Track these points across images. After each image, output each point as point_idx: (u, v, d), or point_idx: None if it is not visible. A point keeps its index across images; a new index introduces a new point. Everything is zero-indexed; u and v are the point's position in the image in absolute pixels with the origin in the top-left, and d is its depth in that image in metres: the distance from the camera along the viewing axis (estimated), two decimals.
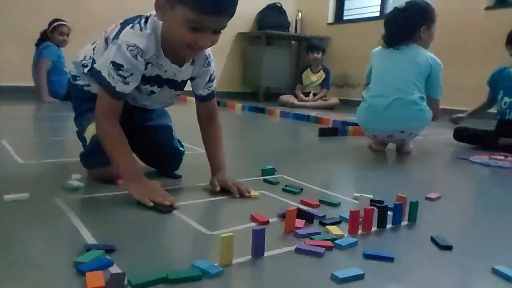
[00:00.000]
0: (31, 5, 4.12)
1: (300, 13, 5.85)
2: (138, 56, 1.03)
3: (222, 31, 1.02)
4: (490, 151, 2.10)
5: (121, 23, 1.12)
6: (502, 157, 1.94)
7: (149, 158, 1.36)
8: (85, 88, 1.28)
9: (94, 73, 1.05)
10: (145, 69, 1.09)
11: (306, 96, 4.81)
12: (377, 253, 0.79)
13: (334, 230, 0.90)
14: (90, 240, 0.80)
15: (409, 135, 1.96)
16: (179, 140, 1.38)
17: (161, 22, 1.05)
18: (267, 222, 0.94)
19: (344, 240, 0.84)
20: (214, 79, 1.23)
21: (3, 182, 1.19)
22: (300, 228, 0.91)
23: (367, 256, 0.79)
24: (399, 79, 1.91)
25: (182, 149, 1.37)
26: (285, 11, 5.64)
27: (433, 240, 0.89)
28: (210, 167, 1.21)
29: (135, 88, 1.10)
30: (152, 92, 1.19)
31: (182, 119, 1.90)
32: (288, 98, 4.77)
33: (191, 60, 1.15)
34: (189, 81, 1.23)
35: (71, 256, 0.71)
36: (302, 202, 1.10)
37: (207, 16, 0.94)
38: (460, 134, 2.34)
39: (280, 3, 5.63)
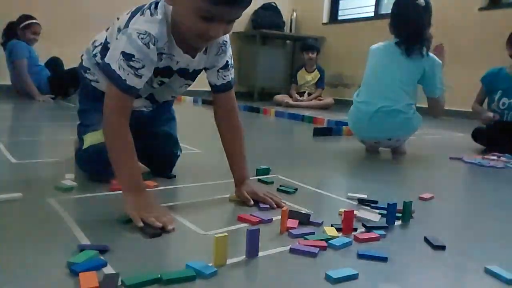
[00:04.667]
0: (26, 4, 4.09)
1: (295, 13, 5.86)
2: (150, 44, 0.93)
3: None
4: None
5: (132, 12, 1.02)
6: (495, 157, 1.96)
7: (143, 158, 1.34)
8: (93, 83, 1.23)
9: (103, 67, 0.94)
10: (160, 60, 1.01)
11: (300, 96, 4.82)
12: (371, 253, 0.80)
13: (330, 231, 0.90)
14: (84, 240, 0.80)
15: (396, 141, 1.95)
16: (179, 145, 1.34)
17: (171, 7, 0.96)
18: (259, 222, 0.94)
19: (338, 240, 0.85)
20: (231, 67, 1.12)
21: None
22: (294, 228, 0.91)
23: (361, 256, 0.79)
24: (387, 85, 1.88)
25: (179, 153, 1.34)
26: (280, 11, 5.65)
27: (426, 240, 0.89)
28: (233, 177, 1.10)
29: None
30: (162, 83, 1.12)
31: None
32: (283, 97, 4.78)
33: (204, 48, 1.06)
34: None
35: (64, 257, 0.70)
36: (239, 219, 0.97)
37: (220, 6, 0.85)
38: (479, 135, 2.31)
39: (275, 3, 5.64)
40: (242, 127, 1.14)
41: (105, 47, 1.12)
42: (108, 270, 0.68)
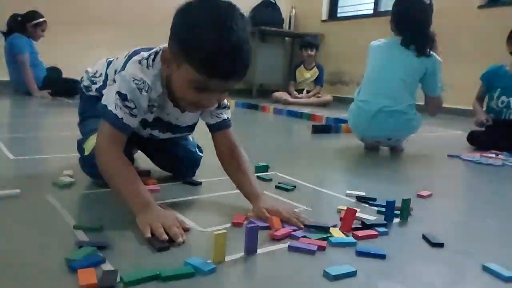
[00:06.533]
0: (25, 2, 4.07)
1: (294, 10, 5.85)
2: (143, 90, 0.94)
3: None
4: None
5: (129, 54, 1.03)
6: (493, 155, 1.96)
7: (163, 164, 1.30)
8: (99, 95, 1.21)
9: (100, 108, 0.95)
10: (151, 112, 1.02)
11: (299, 93, 4.81)
12: (370, 251, 0.80)
13: (335, 232, 0.88)
14: (82, 237, 0.80)
15: (396, 141, 1.95)
16: (198, 145, 1.32)
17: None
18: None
19: (336, 238, 0.85)
20: (226, 108, 1.10)
21: None
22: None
23: (360, 254, 0.79)
24: (389, 83, 1.87)
25: (200, 154, 1.30)
26: (279, 8, 5.64)
27: (424, 237, 0.89)
28: (245, 195, 1.03)
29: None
30: (152, 136, 1.12)
31: None
32: (281, 94, 4.77)
33: None
34: None
35: (63, 253, 0.70)
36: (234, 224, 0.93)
37: (215, 79, 0.86)
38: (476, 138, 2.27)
39: (274, 0, 5.62)
40: (247, 158, 1.09)
41: (105, 83, 1.16)
42: (107, 266, 0.68)
